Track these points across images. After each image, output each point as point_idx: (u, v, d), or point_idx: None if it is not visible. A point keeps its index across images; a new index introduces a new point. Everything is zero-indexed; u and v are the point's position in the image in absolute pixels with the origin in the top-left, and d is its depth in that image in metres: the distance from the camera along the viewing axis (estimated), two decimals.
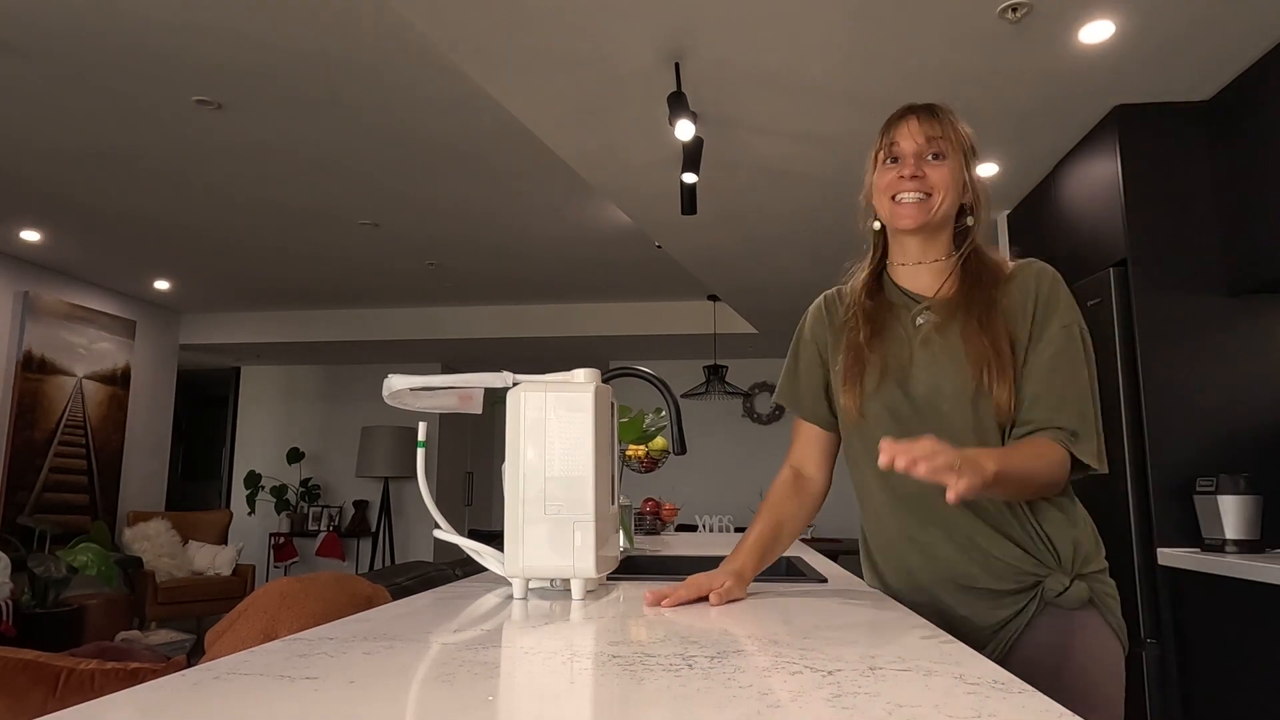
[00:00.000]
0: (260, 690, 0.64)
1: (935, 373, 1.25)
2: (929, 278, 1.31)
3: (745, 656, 0.78)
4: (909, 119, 1.29)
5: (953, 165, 1.27)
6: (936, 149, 1.27)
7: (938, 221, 1.28)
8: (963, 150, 1.28)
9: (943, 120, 1.28)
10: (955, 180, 1.27)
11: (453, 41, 2.63)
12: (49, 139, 3.75)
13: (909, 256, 1.33)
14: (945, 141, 1.27)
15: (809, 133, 3.28)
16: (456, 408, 1.29)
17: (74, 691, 1.59)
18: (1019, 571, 1.23)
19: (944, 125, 1.27)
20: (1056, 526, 1.24)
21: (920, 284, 1.32)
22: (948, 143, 1.27)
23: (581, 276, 6.05)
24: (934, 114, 1.28)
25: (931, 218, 1.27)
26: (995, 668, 0.75)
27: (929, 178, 1.26)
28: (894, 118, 1.31)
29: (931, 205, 1.26)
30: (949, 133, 1.27)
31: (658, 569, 2.10)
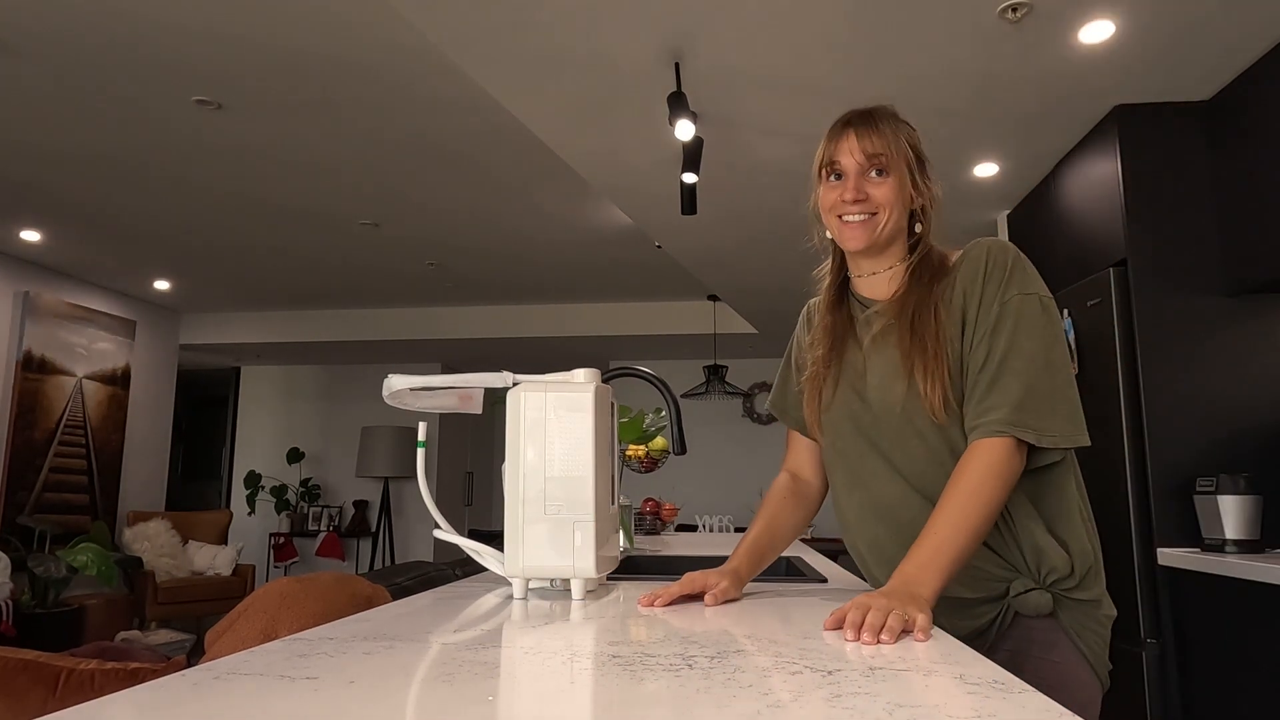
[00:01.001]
0: (260, 690, 0.64)
1: (884, 376, 1.24)
2: (885, 285, 1.30)
3: (745, 656, 0.78)
4: (848, 135, 1.25)
5: (896, 179, 1.24)
6: (878, 164, 1.23)
7: (885, 238, 1.26)
8: (906, 161, 1.25)
9: (883, 132, 1.24)
10: (900, 194, 1.24)
11: (453, 42, 2.63)
12: (49, 139, 3.75)
13: (863, 269, 1.32)
14: (887, 156, 1.23)
15: (809, 133, 3.27)
16: (456, 408, 1.29)
17: (74, 691, 1.59)
18: (990, 577, 1.19)
19: (885, 138, 1.23)
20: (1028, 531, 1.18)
21: (877, 291, 1.31)
22: (889, 157, 1.23)
23: (581, 276, 6.05)
24: (874, 126, 1.24)
25: (878, 237, 1.25)
26: (995, 668, 0.75)
27: (872, 197, 1.23)
28: (833, 130, 1.27)
29: (877, 224, 1.24)
30: (890, 145, 1.23)
31: (658, 569, 2.10)
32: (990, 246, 1.24)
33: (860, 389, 1.27)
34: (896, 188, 1.24)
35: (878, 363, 1.25)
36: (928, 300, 1.22)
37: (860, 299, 1.33)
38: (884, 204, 1.24)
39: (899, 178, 1.24)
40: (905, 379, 1.20)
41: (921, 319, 1.21)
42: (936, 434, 1.20)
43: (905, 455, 1.23)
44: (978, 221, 4.25)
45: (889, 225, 1.24)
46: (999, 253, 1.23)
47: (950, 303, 1.22)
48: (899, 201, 1.25)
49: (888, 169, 1.24)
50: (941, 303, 1.22)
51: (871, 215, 1.24)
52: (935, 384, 1.17)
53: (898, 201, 1.24)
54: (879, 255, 1.29)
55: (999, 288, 1.19)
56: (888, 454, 1.25)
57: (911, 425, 1.22)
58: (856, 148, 1.24)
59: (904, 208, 1.26)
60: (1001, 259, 1.22)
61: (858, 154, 1.24)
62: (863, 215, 1.24)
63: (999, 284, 1.19)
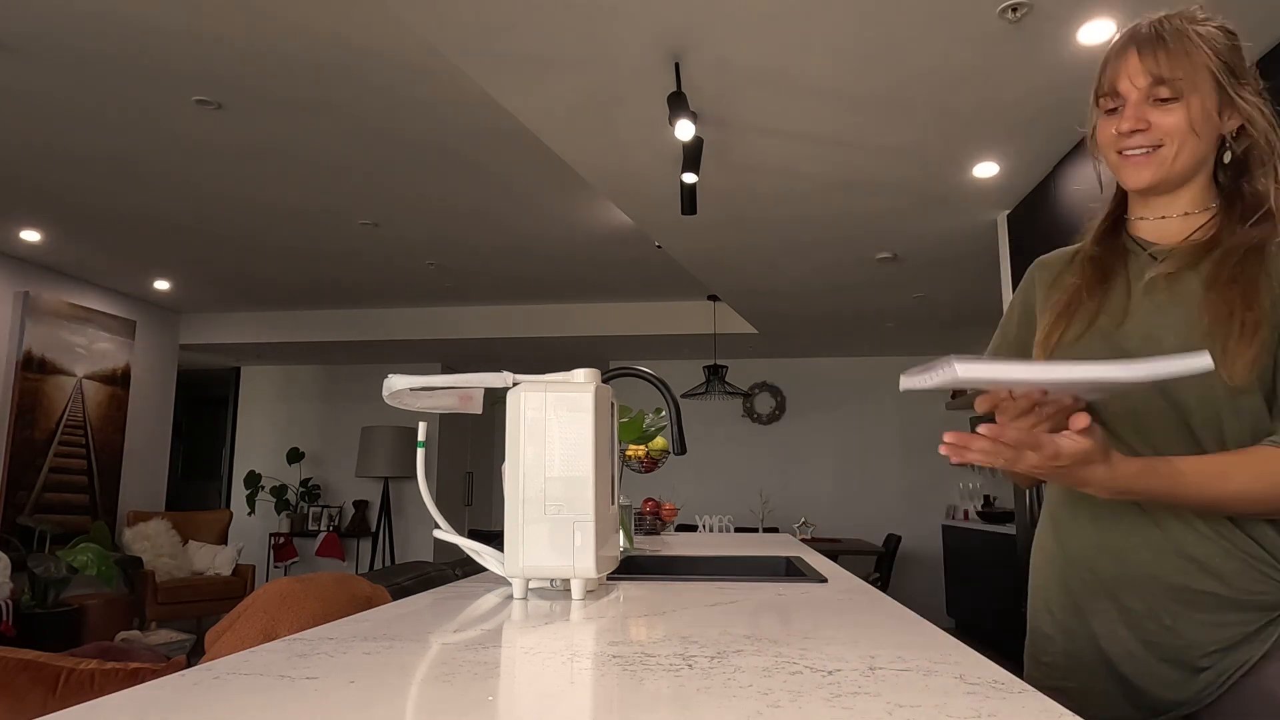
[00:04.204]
0: (260, 690, 0.64)
1: (1156, 324, 1.03)
2: (1177, 229, 1.07)
3: (745, 656, 0.78)
4: (1128, 56, 1.04)
5: (1194, 104, 1.01)
6: (1166, 92, 1.01)
7: (1178, 175, 1.04)
8: (1212, 77, 1.02)
9: (1173, 51, 1.01)
10: (1200, 121, 1.01)
11: (452, 43, 2.63)
12: (49, 139, 3.75)
13: (1150, 211, 1.10)
14: (1181, 81, 1.01)
15: (809, 133, 3.28)
16: (456, 408, 1.29)
17: (74, 691, 1.59)
18: (1258, 575, 0.98)
19: (1176, 58, 1.01)
20: None
21: (1167, 235, 1.08)
22: (1185, 81, 1.01)
23: (582, 276, 6.05)
24: (1162, 44, 1.02)
25: (1167, 173, 1.04)
26: (995, 668, 0.74)
27: (1156, 125, 1.02)
28: (1114, 50, 1.07)
29: (1164, 158, 1.03)
30: (1183, 66, 1.01)
31: (658, 569, 2.10)
32: None
33: (1111, 334, 1.06)
34: (1193, 115, 1.02)
35: (1149, 312, 1.04)
36: (1261, 251, 1.00)
37: (1139, 240, 1.11)
38: (1172, 133, 1.02)
39: (1198, 101, 1.02)
40: (1201, 332, 0.99)
41: (1248, 269, 0.99)
42: (1194, 412, 1.00)
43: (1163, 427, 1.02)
44: (978, 221, 4.25)
45: (1182, 158, 1.03)
46: None
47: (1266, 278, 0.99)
48: (1197, 130, 1.02)
49: (1181, 94, 1.02)
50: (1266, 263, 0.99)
51: (1156, 147, 1.03)
52: (1246, 348, 0.95)
53: (1193, 130, 1.02)
54: (1172, 194, 1.07)
55: None
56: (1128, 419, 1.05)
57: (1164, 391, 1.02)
58: (1139, 70, 1.03)
59: (1206, 136, 1.03)
60: None
61: (1140, 78, 1.03)
62: (1145, 148, 1.04)
63: None
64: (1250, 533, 0.99)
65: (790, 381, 7.95)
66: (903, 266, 5.07)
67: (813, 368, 7.92)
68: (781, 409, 7.95)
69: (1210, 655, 0.99)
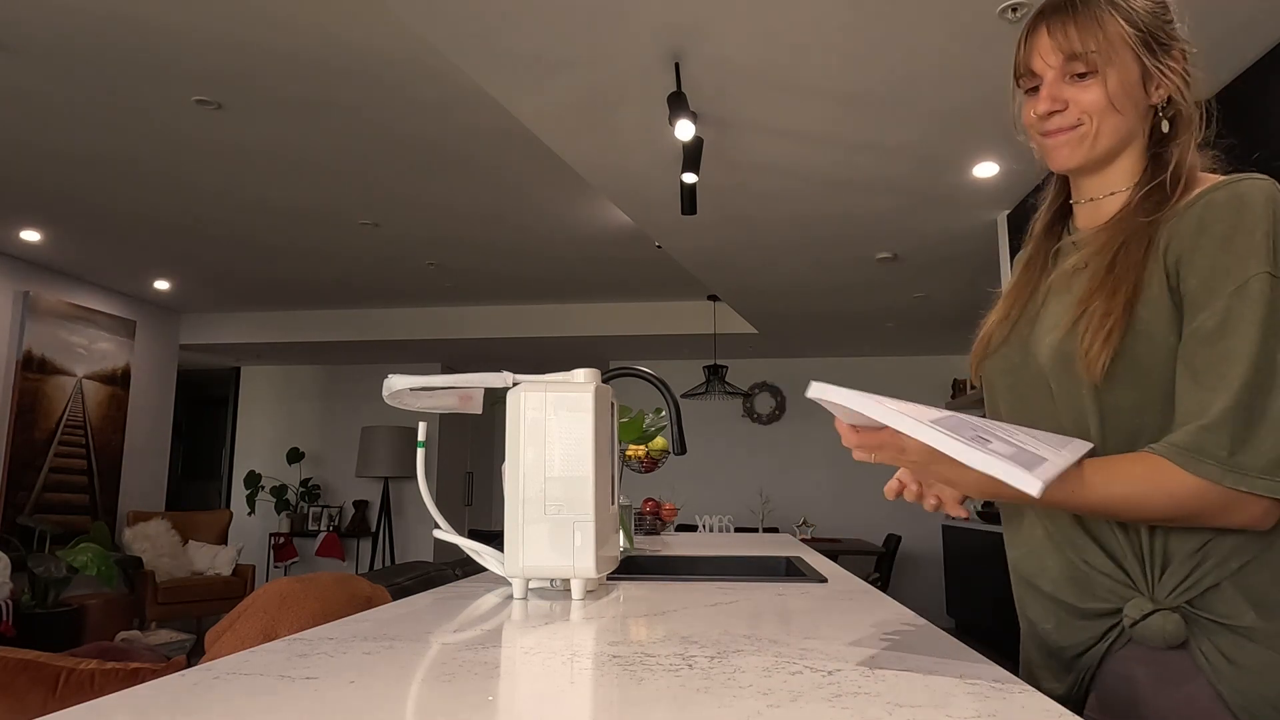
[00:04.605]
0: (260, 690, 0.64)
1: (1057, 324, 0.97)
2: (1108, 211, 1.01)
3: (745, 656, 0.78)
4: (1039, 31, 0.98)
5: (1111, 78, 0.95)
6: (1081, 67, 0.95)
7: (1103, 153, 0.98)
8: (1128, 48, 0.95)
9: (1084, 23, 0.95)
10: (1120, 95, 0.95)
11: (452, 43, 2.63)
12: (49, 139, 3.75)
13: (1082, 194, 1.04)
14: (1095, 54, 0.94)
15: (809, 132, 3.28)
16: (456, 408, 1.29)
17: (74, 691, 1.59)
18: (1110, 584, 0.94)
19: (1087, 30, 0.94)
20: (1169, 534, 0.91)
21: (1097, 218, 1.02)
22: (1099, 54, 0.94)
23: (582, 276, 6.05)
24: (1071, 16, 0.96)
25: (1090, 153, 0.98)
26: (995, 668, 0.74)
27: (1074, 104, 0.96)
28: (1026, 26, 1.01)
29: (1084, 136, 0.97)
30: (1095, 38, 0.94)
31: (658, 569, 2.10)
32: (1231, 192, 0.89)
33: (1029, 344, 1.01)
34: (1110, 89, 0.95)
35: (1056, 308, 0.99)
36: (1143, 233, 0.92)
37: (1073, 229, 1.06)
38: (1090, 110, 0.96)
39: (1116, 74, 0.95)
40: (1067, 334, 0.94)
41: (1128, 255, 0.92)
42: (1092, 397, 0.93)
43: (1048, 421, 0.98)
44: (978, 221, 4.25)
45: (1104, 135, 0.97)
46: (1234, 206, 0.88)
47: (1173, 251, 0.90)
48: (1117, 105, 0.96)
49: (1096, 67, 0.95)
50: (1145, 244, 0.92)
51: (1075, 126, 0.97)
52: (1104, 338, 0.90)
53: (1113, 106, 0.96)
54: (1101, 173, 1.01)
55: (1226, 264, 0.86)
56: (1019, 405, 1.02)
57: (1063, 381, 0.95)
58: (1050, 48, 0.97)
59: (1130, 110, 0.97)
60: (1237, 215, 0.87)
61: (1052, 55, 0.97)
62: (1066, 128, 0.98)
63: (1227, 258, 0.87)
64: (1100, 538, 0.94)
65: (790, 381, 7.95)
66: (903, 266, 5.07)
67: (813, 368, 7.91)
68: (781, 409, 7.95)
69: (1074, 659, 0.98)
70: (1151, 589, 0.90)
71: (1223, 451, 0.82)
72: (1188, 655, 0.88)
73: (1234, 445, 0.82)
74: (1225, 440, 0.82)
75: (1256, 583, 0.87)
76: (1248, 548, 0.87)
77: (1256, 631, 0.85)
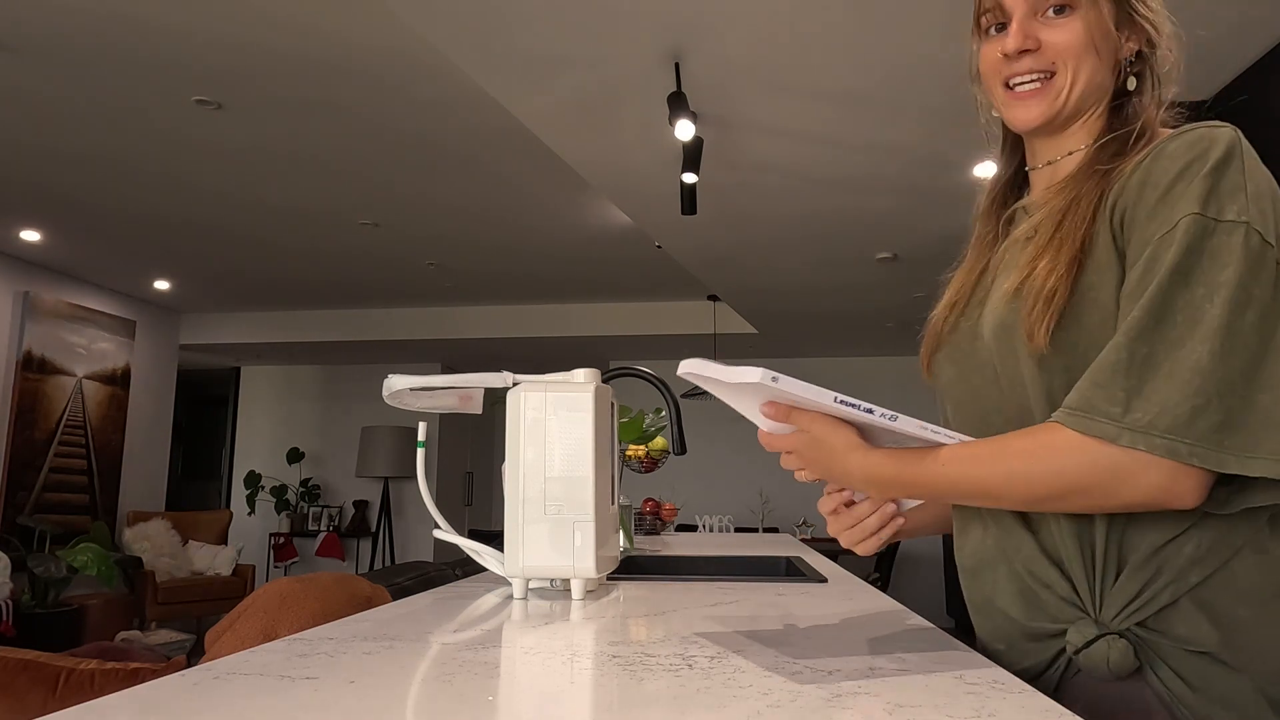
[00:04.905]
0: (260, 690, 0.64)
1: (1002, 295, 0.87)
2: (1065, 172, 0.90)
3: (745, 656, 0.78)
4: None
5: (1092, 16, 0.84)
6: (1044, 5, 0.84)
7: (1074, 107, 0.86)
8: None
9: None
10: (1100, 37, 0.84)
11: (452, 43, 2.63)
12: (49, 139, 3.75)
13: (1038, 158, 0.93)
14: None
15: (809, 132, 3.28)
16: (456, 408, 1.29)
17: (74, 691, 1.59)
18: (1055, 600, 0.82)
19: None
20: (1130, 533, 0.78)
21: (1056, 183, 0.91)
22: None
23: (581, 276, 6.05)
24: None
25: (1061, 106, 0.86)
26: (995, 668, 0.74)
27: (1048, 45, 0.85)
28: None
29: (1057, 89, 0.85)
30: None
31: (658, 569, 2.10)
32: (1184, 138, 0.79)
33: (975, 322, 0.91)
34: (1089, 30, 0.84)
35: (1001, 281, 0.88)
36: (1094, 189, 0.82)
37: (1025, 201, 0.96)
38: (1067, 54, 0.84)
39: (1096, 12, 0.84)
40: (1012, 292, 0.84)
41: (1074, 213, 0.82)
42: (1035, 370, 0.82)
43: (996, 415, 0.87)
44: None
45: (1079, 84, 0.85)
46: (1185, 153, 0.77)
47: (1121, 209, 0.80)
48: (1094, 51, 0.84)
49: (1073, 3, 0.84)
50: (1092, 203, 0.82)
51: (1049, 76, 0.86)
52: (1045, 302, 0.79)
53: (1090, 51, 0.84)
54: (1060, 135, 0.90)
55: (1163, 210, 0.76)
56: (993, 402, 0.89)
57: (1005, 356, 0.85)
58: None
59: (1107, 56, 0.86)
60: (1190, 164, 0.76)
61: None
62: (1035, 77, 0.86)
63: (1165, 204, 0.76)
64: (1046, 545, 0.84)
65: None
66: (903, 266, 5.06)
67: (813, 368, 7.91)
68: None
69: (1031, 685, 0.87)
70: (1099, 606, 0.79)
71: (1117, 408, 0.71)
72: (1145, 685, 0.76)
73: (1129, 400, 0.71)
74: (1120, 395, 0.71)
75: (1220, 598, 0.75)
76: (1209, 559, 0.75)
77: (1224, 654, 0.74)
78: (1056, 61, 0.85)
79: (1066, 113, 0.87)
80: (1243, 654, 0.74)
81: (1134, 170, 0.79)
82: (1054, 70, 0.85)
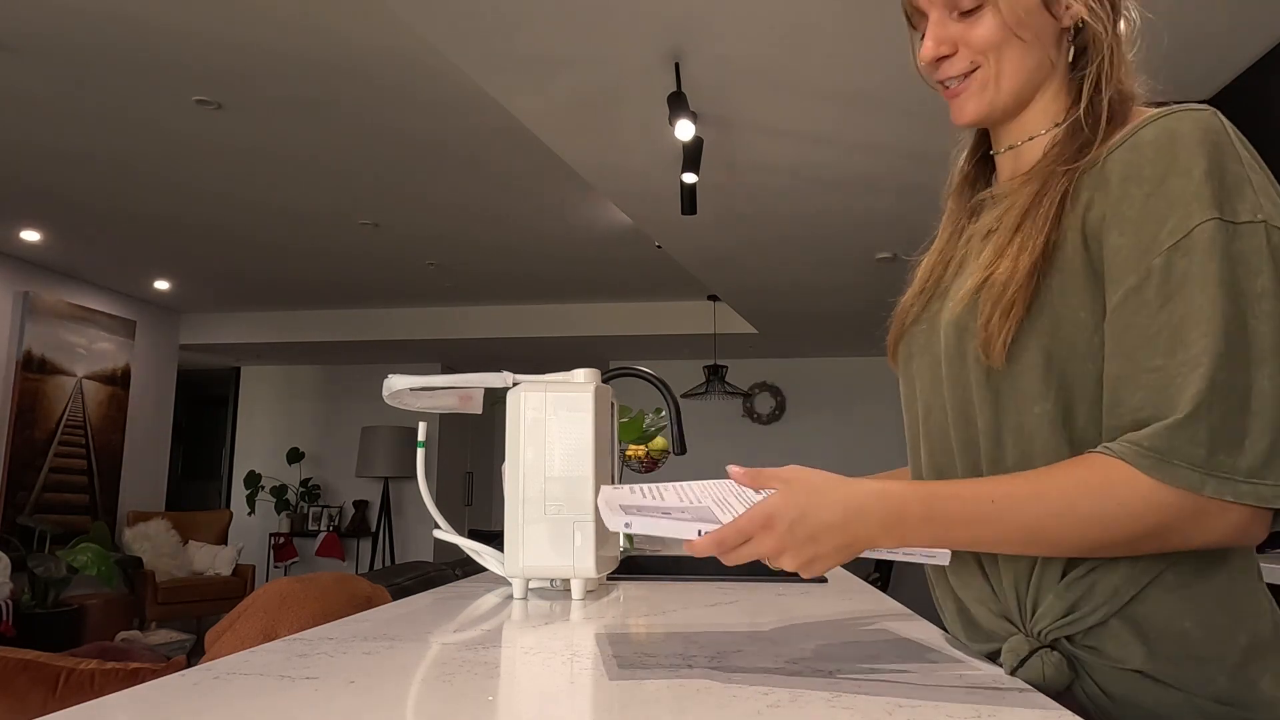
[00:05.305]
0: (260, 690, 0.64)
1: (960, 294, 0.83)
2: (1030, 158, 0.85)
3: (745, 656, 0.78)
4: None
5: (1001, 5, 0.79)
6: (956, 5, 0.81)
7: (1012, 97, 0.83)
8: None
9: None
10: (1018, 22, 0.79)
11: (451, 43, 2.62)
12: (49, 139, 3.75)
13: (1000, 142, 0.89)
14: None
15: (809, 132, 3.28)
16: (456, 408, 1.29)
17: (74, 691, 1.59)
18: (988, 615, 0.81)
19: None
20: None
21: (1021, 168, 0.86)
22: None
23: (581, 276, 6.05)
24: None
25: (994, 100, 0.83)
26: (995, 668, 0.74)
27: (965, 44, 0.82)
28: None
29: (984, 82, 0.82)
30: None
31: (658, 569, 2.10)
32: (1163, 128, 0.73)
33: (937, 314, 0.87)
34: (1006, 15, 0.79)
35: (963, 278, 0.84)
36: (1059, 185, 0.77)
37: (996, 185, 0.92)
38: (985, 48, 0.81)
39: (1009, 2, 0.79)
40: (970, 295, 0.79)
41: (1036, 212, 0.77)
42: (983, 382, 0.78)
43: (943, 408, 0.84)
44: None
45: (1008, 75, 0.81)
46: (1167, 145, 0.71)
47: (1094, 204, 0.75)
48: (1019, 33, 0.80)
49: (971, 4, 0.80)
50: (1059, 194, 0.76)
51: (971, 71, 0.83)
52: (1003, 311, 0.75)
53: (1010, 39, 0.80)
54: (1013, 121, 0.86)
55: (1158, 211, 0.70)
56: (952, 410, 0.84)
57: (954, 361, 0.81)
58: None
59: (1037, 37, 0.80)
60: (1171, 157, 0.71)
61: None
62: (961, 74, 0.84)
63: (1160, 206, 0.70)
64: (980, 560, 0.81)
65: (790, 381, 7.95)
66: (902, 266, 5.04)
67: (813, 368, 7.91)
68: (781, 409, 7.95)
69: None
70: (1028, 618, 0.76)
71: (1200, 450, 0.65)
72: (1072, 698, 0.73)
73: (1214, 442, 0.65)
74: (1204, 436, 0.65)
75: (1151, 614, 0.71)
76: (1140, 577, 0.71)
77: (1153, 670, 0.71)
78: (975, 59, 0.82)
79: (1002, 103, 0.83)
80: (1177, 670, 0.70)
81: (1108, 163, 0.74)
82: (975, 66, 0.82)
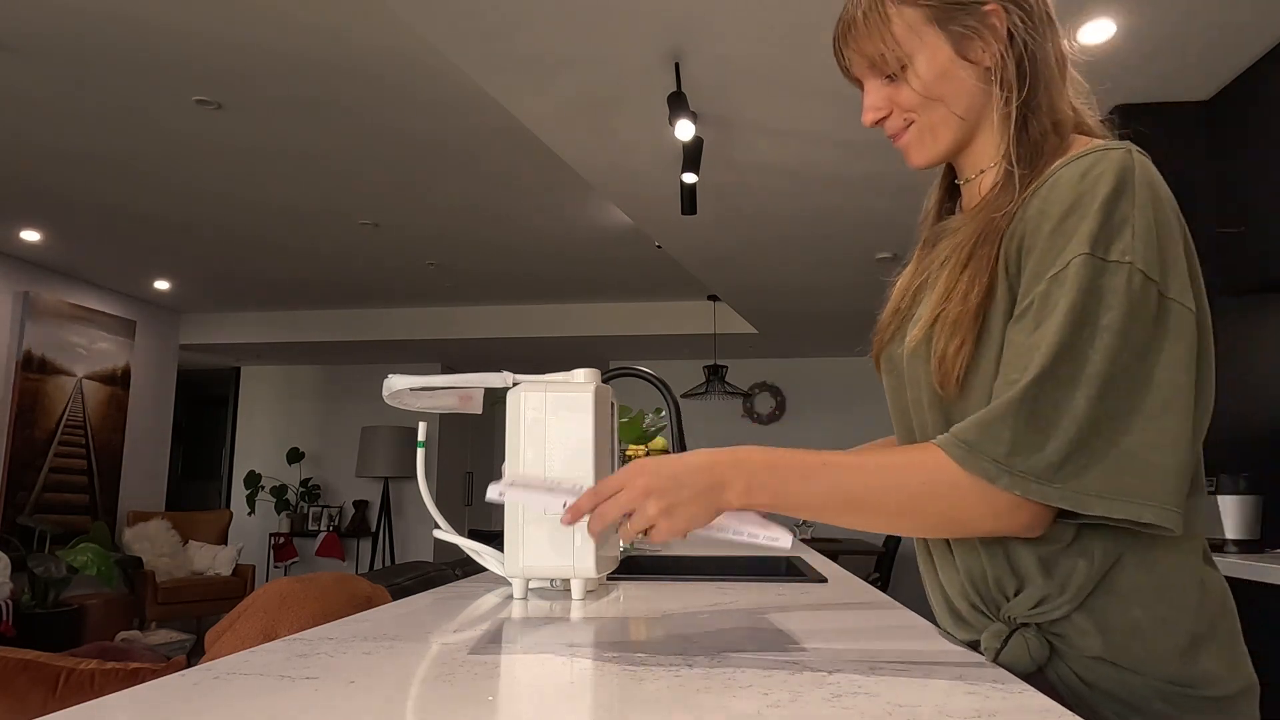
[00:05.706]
0: (260, 690, 0.64)
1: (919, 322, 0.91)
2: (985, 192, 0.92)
3: (745, 656, 0.78)
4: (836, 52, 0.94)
5: (920, 65, 0.87)
6: (886, 70, 0.89)
7: (952, 139, 0.90)
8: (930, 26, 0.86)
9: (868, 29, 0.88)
10: (936, 79, 0.87)
11: (451, 43, 2.63)
12: (49, 139, 3.75)
13: (960, 173, 0.97)
14: (889, 53, 0.88)
15: (809, 131, 3.28)
16: (456, 408, 1.29)
17: (74, 691, 1.59)
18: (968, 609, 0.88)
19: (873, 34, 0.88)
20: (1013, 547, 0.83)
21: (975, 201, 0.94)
22: (895, 53, 0.87)
23: (582, 276, 6.05)
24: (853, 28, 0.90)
25: (934, 146, 0.91)
26: (995, 668, 0.74)
27: (897, 104, 0.90)
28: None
29: (922, 132, 0.90)
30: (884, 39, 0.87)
31: (658, 569, 2.10)
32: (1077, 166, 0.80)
33: (903, 338, 0.94)
34: (923, 77, 0.87)
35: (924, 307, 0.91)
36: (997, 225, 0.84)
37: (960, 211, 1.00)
38: (914, 108, 0.89)
39: (925, 58, 0.87)
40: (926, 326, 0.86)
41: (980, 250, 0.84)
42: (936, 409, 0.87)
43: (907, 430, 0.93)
44: None
45: (940, 128, 0.90)
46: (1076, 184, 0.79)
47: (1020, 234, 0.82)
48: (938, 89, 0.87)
49: (900, 62, 0.88)
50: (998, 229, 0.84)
51: (907, 126, 0.91)
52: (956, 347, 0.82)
53: (934, 96, 0.88)
54: (966, 153, 0.93)
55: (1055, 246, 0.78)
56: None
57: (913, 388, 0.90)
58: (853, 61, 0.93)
59: (959, 86, 0.87)
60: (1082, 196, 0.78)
61: (855, 67, 0.92)
62: (898, 131, 0.93)
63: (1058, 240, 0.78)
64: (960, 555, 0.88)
65: (790, 381, 7.95)
66: None
67: (813, 368, 7.91)
68: (781, 409, 7.95)
69: None
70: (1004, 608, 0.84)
71: (1002, 448, 0.74)
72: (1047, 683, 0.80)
73: (1015, 442, 0.74)
74: (1007, 436, 0.74)
75: (1105, 606, 0.79)
76: (1098, 569, 0.79)
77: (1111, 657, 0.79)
78: (908, 115, 0.90)
79: (943, 150, 0.92)
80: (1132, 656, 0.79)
81: (1032, 199, 0.82)
82: (909, 121, 0.91)
